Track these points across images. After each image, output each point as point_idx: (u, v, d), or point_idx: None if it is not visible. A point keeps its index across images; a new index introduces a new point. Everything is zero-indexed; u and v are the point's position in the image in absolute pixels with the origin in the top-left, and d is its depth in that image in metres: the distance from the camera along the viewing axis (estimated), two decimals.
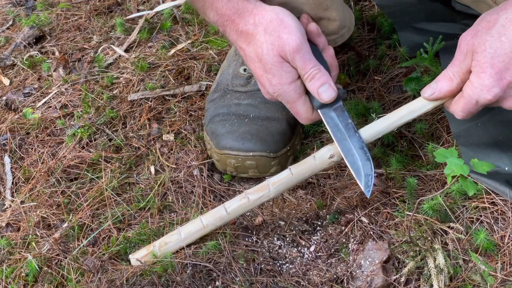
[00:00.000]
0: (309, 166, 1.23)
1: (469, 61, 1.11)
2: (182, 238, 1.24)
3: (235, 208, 1.24)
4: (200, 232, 1.25)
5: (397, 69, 1.58)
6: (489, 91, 1.09)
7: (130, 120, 1.59)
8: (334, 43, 1.52)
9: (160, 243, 1.24)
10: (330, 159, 1.22)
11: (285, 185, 1.24)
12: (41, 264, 1.27)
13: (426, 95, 1.19)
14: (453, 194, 1.25)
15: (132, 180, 1.45)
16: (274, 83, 1.20)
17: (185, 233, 1.24)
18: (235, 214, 1.25)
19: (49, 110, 1.67)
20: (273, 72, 1.19)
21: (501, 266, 1.15)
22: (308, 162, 1.23)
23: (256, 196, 1.24)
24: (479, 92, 1.10)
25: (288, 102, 1.23)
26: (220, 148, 1.39)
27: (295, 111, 1.24)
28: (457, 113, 1.16)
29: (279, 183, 1.24)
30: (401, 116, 1.21)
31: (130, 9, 1.97)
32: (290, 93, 1.21)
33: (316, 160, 1.23)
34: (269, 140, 1.38)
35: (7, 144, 1.59)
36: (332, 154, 1.22)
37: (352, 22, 1.54)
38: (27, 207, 1.42)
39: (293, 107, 1.24)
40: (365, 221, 1.27)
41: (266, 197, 1.24)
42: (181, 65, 1.71)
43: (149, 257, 1.24)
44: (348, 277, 1.19)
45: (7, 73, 1.84)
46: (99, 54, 1.82)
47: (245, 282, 1.20)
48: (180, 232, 1.24)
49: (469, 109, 1.13)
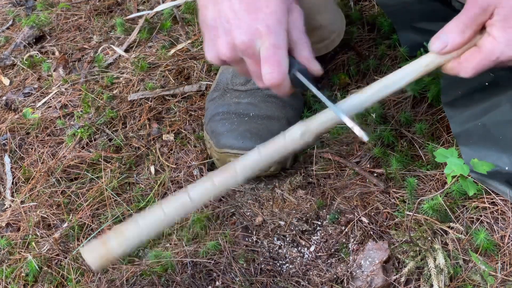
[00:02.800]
0: (278, 146, 1.08)
1: (487, 16, 1.05)
2: (141, 228, 1.02)
3: (199, 193, 1.04)
4: (161, 223, 1.03)
5: (397, 69, 1.58)
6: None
7: (130, 120, 1.59)
8: (326, 49, 1.51)
9: (116, 234, 1.02)
10: (301, 138, 1.07)
11: (253, 168, 1.07)
12: (41, 264, 1.27)
13: (436, 49, 1.09)
14: (453, 194, 1.25)
15: (132, 180, 1.45)
16: (266, 12, 1.03)
17: (144, 223, 1.02)
18: (199, 201, 1.05)
19: (49, 110, 1.67)
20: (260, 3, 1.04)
21: (501, 266, 1.15)
22: (277, 141, 1.09)
23: (221, 179, 1.05)
24: (503, 47, 1.04)
25: (277, 47, 1.04)
26: (220, 147, 1.39)
27: (273, 67, 1.06)
28: (466, 70, 1.09)
29: (246, 165, 1.07)
30: (402, 76, 1.13)
31: (130, 9, 1.97)
32: (282, 34, 1.04)
33: (286, 139, 1.08)
34: (269, 139, 1.38)
35: (7, 144, 1.59)
36: (302, 131, 1.07)
37: (343, 26, 1.54)
38: (27, 207, 1.42)
39: (275, 59, 1.05)
40: (365, 221, 1.27)
41: (233, 180, 1.06)
42: (181, 65, 1.72)
43: (106, 253, 1.01)
44: (348, 277, 1.19)
45: (7, 73, 1.84)
46: (99, 54, 1.82)
47: (245, 282, 1.20)
48: (137, 221, 1.03)
49: (484, 65, 1.07)
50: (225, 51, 1.08)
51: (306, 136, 1.07)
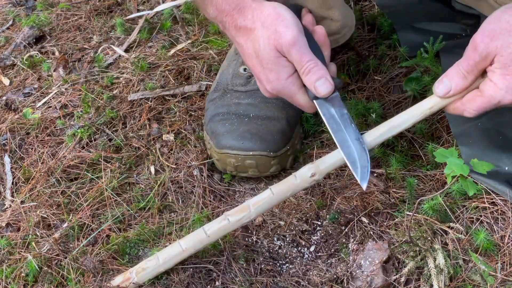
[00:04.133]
0: (290, 185, 1.19)
1: (487, 63, 1.10)
2: (160, 263, 1.18)
3: (215, 230, 1.19)
4: (179, 256, 1.19)
5: (397, 69, 1.58)
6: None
7: (130, 120, 1.59)
8: (336, 42, 1.52)
9: (138, 269, 1.19)
10: (312, 178, 1.18)
11: (266, 206, 1.20)
12: (41, 264, 1.27)
13: (440, 93, 1.16)
14: (453, 194, 1.25)
15: (132, 180, 1.45)
16: (272, 78, 1.19)
17: (164, 258, 1.18)
18: (215, 237, 1.20)
19: (49, 110, 1.67)
20: (270, 67, 1.18)
21: (501, 266, 1.15)
22: (289, 181, 1.20)
23: (236, 218, 1.19)
24: (504, 93, 1.10)
25: (288, 97, 1.22)
26: (220, 147, 1.39)
27: (298, 104, 1.23)
28: (469, 111, 1.15)
29: (260, 204, 1.19)
30: (408, 118, 1.19)
31: (130, 9, 1.97)
32: (288, 87, 1.20)
33: (297, 179, 1.19)
34: (269, 140, 1.38)
35: (7, 144, 1.59)
36: (313, 172, 1.18)
37: (353, 21, 1.55)
38: (27, 207, 1.42)
39: (294, 100, 1.23)
40: (365, 221, 1.27)
41: (247, 218, 1.19)
42: (181, 65, 1.71)
43: (128, 284, 1.19)
44: (348, 277, 1.19)
45: (7, 73, 1.84)
46: (99, 54, 1.82)
47: (245, 282, 1.20)
48: (158, 257, 1.19)
49: (485, 108, 1.13)
50: (265, 93, 1.25)
51: (316, 177, 1.19)
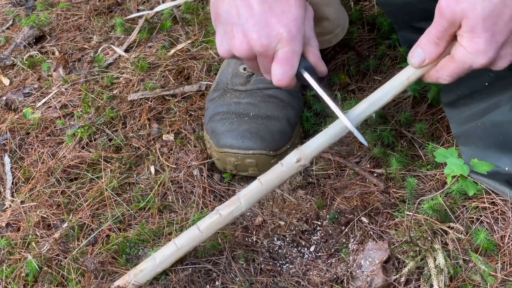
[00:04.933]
0: (277, 173, 1.19)
1: (456, 27, 1.09)
2: (156, 263, 1.19)
3: (208, 225, 1.19)
4: (175, 255, 1.19)
5: (397, 69, 1.58)
6: (485, 56, 1.07)
7: (130, 120, 1.59)
8: (329, 43, 1.52)
9: (135, 272, 1.19)
10: (298, 163, 1.17)
11: (256, 196, 1.19)
12: (41, 264, 1.27)
13: (416, 63, 1.16)
14: (453, 194, 1.25)
15: (132, 180, 1.45)
16: (288, 17, 1.09)
17: (160, 258, 1.19)
18: (208, 232, 1.20)
19: (49, 110, 1.67)
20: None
21: (501, 266, 1.15)
22: (276, 169, 1.19)
23: (227, 211, 1.18)
24: (474, 57, 1.08)
25: (295, 52, 1.13)
26: (220, 146, 1.39)
27: (286, 68, 1.13)
28: (443, 77, 1.14)
29: (249, 195, 1.19)
30: (387, 91, 1.18)
31: (130, 9, 1.97)
32: (301, 41, 1.11)
33: (284, 166, 1.18)
34: (269, 139, 1.38)
35: (7, 144, 1.59)
36: (298, 158, 1.17)
37: (346, 22, 1.55)
38: (27, 207, 1.42)
39: (289, 63, 1.13)
40: (365, 221, 1.27)
41: (238, 211, 1.19)
42: (181, 65, 1.71)
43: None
44: (348, 277, 1.19)
45: (7, 73, 1.84)
46: (99, 54, 1.82)
47: (245, 282, 1.20)
48: (154, 258, 1.19)
49: (458, 73, 1.12)
50: (241, 50, 1.13)
51: (302, 161, 1.18)
